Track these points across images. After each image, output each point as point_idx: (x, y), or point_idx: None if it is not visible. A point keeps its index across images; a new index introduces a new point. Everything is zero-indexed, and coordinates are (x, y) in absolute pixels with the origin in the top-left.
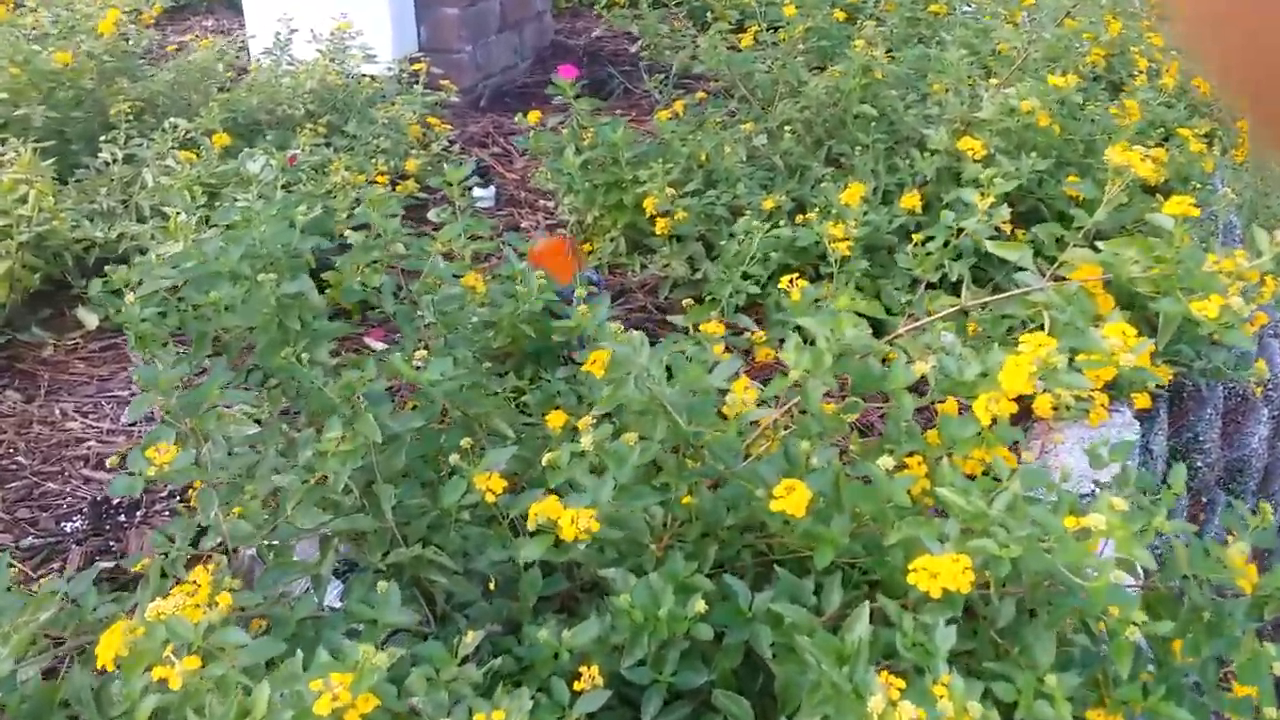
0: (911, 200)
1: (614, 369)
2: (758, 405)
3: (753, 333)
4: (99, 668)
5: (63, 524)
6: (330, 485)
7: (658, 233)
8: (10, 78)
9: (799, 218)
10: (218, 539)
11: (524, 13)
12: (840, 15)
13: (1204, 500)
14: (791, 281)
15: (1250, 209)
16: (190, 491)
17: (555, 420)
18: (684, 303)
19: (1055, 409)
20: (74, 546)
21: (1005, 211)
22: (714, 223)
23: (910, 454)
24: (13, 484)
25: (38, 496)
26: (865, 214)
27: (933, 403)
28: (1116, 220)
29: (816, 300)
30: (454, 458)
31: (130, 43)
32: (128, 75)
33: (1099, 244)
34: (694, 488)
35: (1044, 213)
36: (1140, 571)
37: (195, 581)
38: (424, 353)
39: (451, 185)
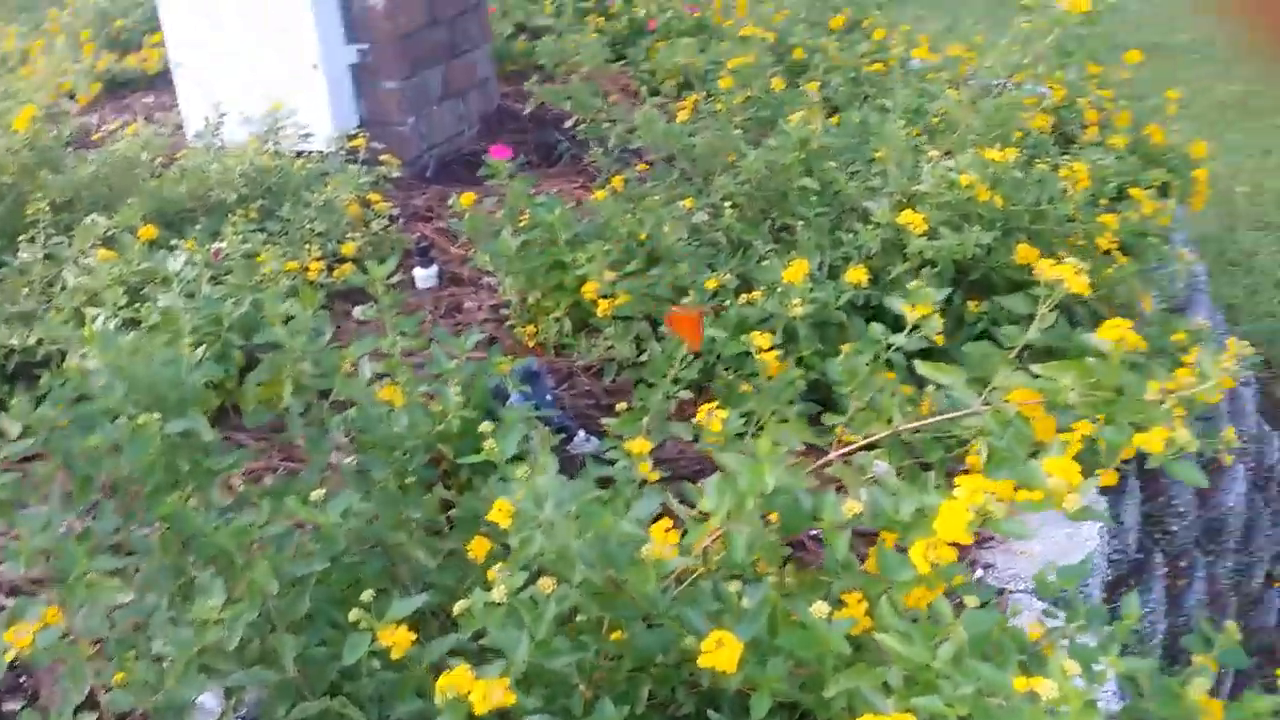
0: (858, 274)
1: (519, 524)
2: (680, 551)
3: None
4: None
5: None
6: (223, 643)
7: (600, 315)
8: None
9: (744, 296)
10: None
11: (468, 80)
12: (778, 84)
13: (1182, 565)
14: (710, 412)
15: (1217, 245)
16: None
17: (478, 549)
18: (617, 406)
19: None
20: None
21: (936, 323)
22: (659, 303)
23: (850, 589)
24: None
25: None
26: (811, 290)
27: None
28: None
29: (747, 417)
30: (354, 613)
31: (54, 135)
32: (51, 167)
33: (1034, 367)
34: (623, 623)
35: (995, 282)
36: None
37: None
38: (319, 493)
39: (375, 282)
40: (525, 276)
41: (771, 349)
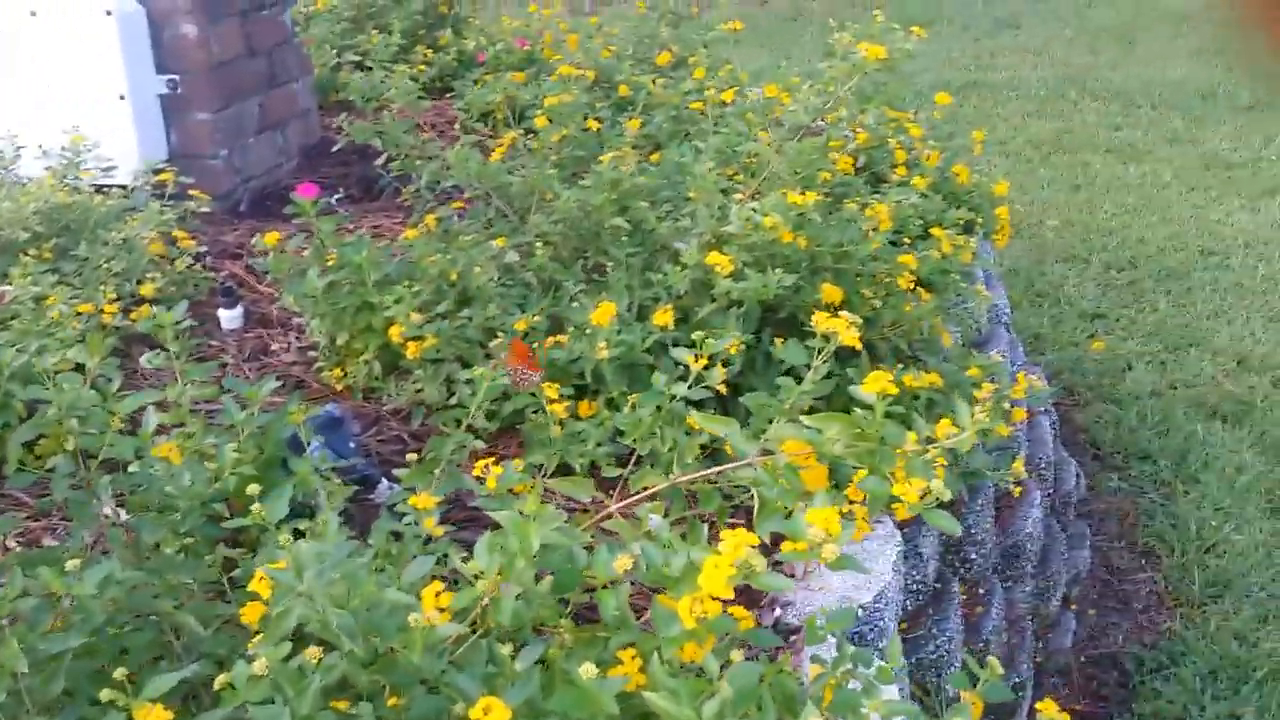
0: (664, 317)
1: (277, 595)
2: (452, 615)
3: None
4: None
5: None
6: None
7: (409, 357)
8: None
9: (551, 339)
10: None
11: (288, 111)
12: (593, 124)
13: (980, 592)
14: (486, 467)
15: (1026, 278)
16: None
17: (251, 614)
18: (408, 457)
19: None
20: None
21: (718, 374)
22: (469, 345)
23: (626, 645)
24: None
25: None
26: (619, 332)
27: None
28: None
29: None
30: (106, 692)
31: None
32: None
33: (803, 418)
34: (400, 690)
35: (802, 319)
36: None
37: None
38: (74, 562)
39: (163, 328)
40: (332, 318)
41: (568, 397)
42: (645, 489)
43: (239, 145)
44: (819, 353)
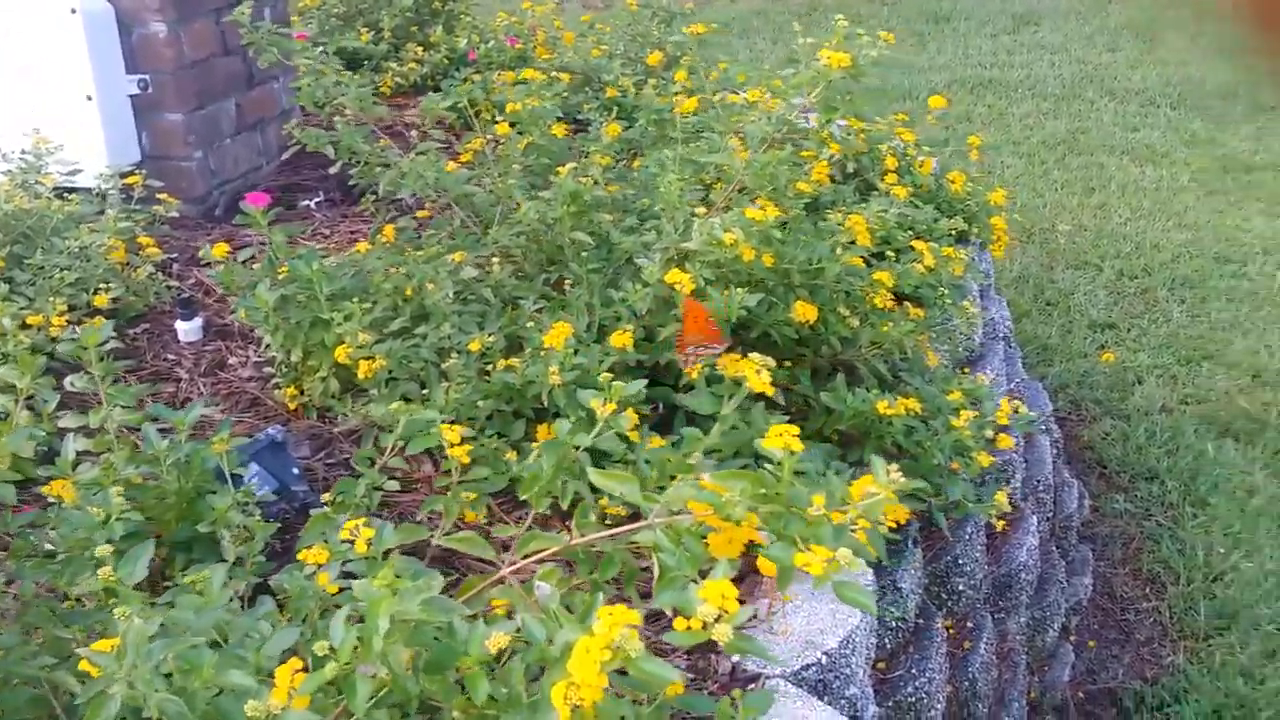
0: (623, 339)
1: (100, 680)
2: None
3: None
4: None
5: None
6: None
7: (362, 377)
8: None
9: (503, 362)
10: None
11: (266, 111)
12: (559, 130)
13: (969, 626)
14: (354, 530)
15: (1035, 285)
16: None
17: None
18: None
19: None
20: None
21: (627, 420)
22: (422, 365)
23: None
24: None
25: None
26: (575, 353)
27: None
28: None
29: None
30: None
31: None
32: None
33: (705, 476)
34: None
35: (775, 338)
36: None
37: None
38: None
39: (87, 349)
40: (285, 334)
41: (465, 441)
42: (536, 552)
43: (215, 147)
44: (729, 398)
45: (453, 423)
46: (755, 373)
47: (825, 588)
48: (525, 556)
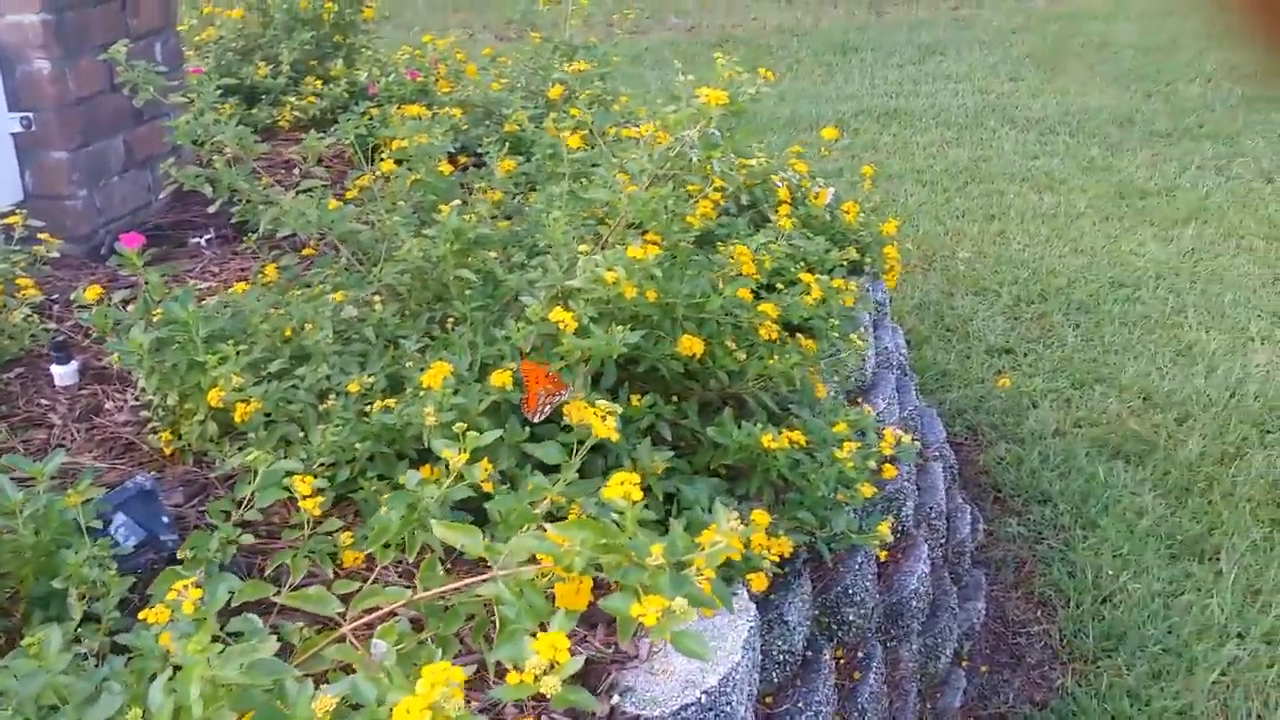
0: (502, 378)
1: None
2: None
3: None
4: None
5: None
6: None
7: (238, 421)
8: None
9: (380, 403)
10: None
11: (155, 148)
12: (445, 167)
13: (859, 655)
14: (184, 589)
15: (935, 312)
16: None
17: None
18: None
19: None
20: None
21: (479, 471)
22: (300, 407)
23: None
24: None
25: None
26: (456, 393)
27: None
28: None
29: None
30: None
31: None
32: None
33: (548, 526)
34: None
35: (663, 372)
36: None
37: None
38: None
39: None
40: (161, 377)
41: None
42: (376, 608)
43: (102, 184)
44: (578, 447)
45: (332, 465)
46: (601, 419)
47: (711, 621)
48: (367, 612)
